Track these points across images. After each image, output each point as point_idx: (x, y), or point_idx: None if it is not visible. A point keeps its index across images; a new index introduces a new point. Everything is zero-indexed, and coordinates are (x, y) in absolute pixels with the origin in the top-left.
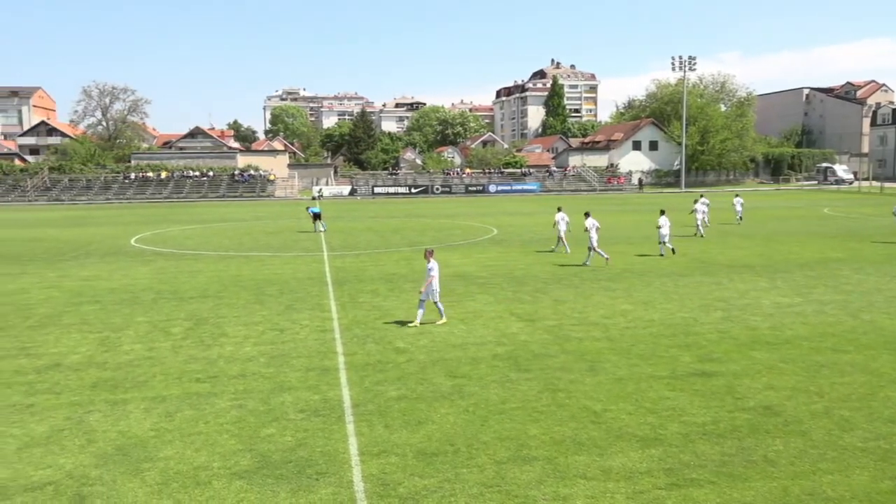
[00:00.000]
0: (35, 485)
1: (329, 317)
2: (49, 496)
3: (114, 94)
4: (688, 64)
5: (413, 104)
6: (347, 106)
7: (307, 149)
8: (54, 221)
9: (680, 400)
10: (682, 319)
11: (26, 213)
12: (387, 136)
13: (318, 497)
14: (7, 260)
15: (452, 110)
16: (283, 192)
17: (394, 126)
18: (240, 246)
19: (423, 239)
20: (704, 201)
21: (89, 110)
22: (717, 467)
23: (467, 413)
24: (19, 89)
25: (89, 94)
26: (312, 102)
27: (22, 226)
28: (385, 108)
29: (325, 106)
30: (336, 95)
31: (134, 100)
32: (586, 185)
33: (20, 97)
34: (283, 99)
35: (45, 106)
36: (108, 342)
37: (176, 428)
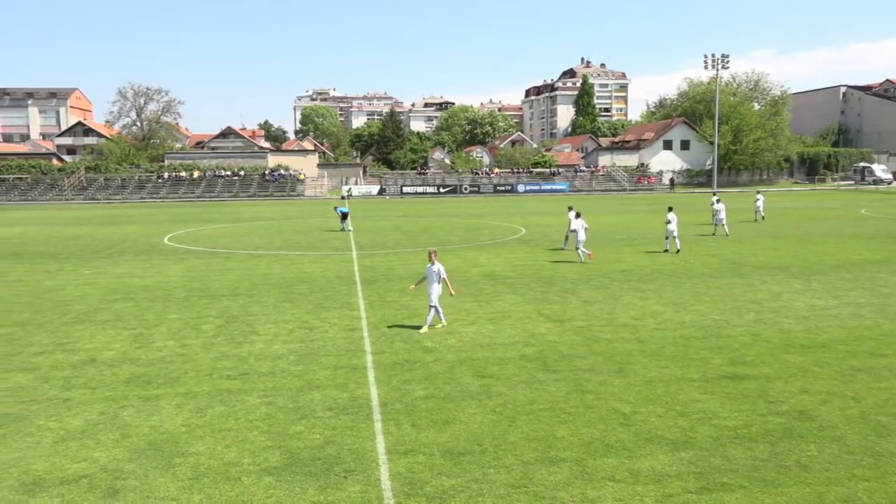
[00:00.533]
0: (70, 477)
1: (357, 315)
2: (84, 489)
3: (148, 95)
4: (720, 62)
5: (442, 104)
6: (376, 106)
7: (336, 148)
8: (90, 220)
9: (711, 403)
10: (714, 321)
11: (63, 211)
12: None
13: (345, 494)
14: (45, 257)
15: (481, 110)
16: (312, 191)
17: (422, 126)
18: (270, 245)
19: (452, 238)
20: (716, 199)
21: (124, 111)
22: (749, 472)
23: (495, 413)
24: (57, 91)
25: (124, 95)
26: (342, 102)
27: (59, 224)
28: (414, 108)
29: (354, 106)
30: (365, 95)
31: (168, 100)
32: (616, 184)
33: (58, 98)
34: (313, 99)
35: (81, 107)
36: (142, 339)
37: (207, 424)
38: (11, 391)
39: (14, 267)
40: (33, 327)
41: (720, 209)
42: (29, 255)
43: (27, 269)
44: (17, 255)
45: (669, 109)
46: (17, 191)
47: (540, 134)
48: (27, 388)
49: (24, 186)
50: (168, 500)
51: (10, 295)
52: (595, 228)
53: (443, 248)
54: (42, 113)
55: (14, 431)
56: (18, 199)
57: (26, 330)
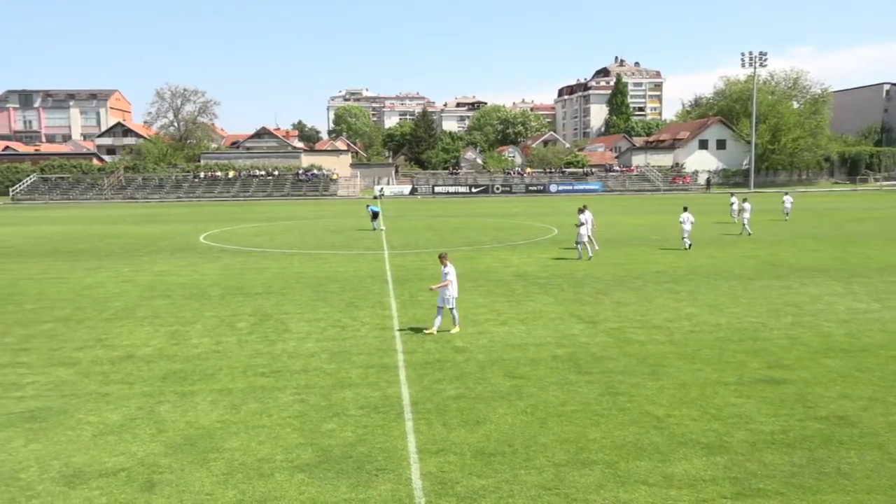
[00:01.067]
0: (109, 470)
1: (389, 315)
2: (122, 482)
3: (185, 96)
4: (758, 60)
5: (474, 104)
6: (409, 106)
7: (369, 148)
8: (128, 218)
9: (747, 407)
10: (750, 324)
11: (103, 210)
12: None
13: (377, 493)
14: (86, 255)
15: (513, 109)
16: (345, 191)
17: (455, 126)
18: (303, 244)
19: (484, 238)
20: (734, 200)
21: (162, 111)
22: (787, 478)
23: (526, 414)
24: (98, 92)
25: (162, 96)
26: (375, 103)
27: (99, 222)
28: (446, 108)
29: (386, 106)
30: (398, 95)
31: (204, 101)
32: (650, 184)
33: (98, 100)
34: (346, 99)
35: (121, 108)
36: (178, 335)
37: (241, 420)
38: (53, 385)
39: (56, 264)
40: (74, 323)
41: (746, 209)
42: (70, 253)
43: (68, 266)
44: (58, 252)
45: (705, 108)
46: (58, 190)
47: (573, 134)
48: (68, 383)
49: (65, 186)
50: (203, 495)
51: (53, 291)
52: (628, 229)
53: (475, 248)
54: (83, 114)
55: (55, 424)
56: (60, 197)
57: (67, 326)
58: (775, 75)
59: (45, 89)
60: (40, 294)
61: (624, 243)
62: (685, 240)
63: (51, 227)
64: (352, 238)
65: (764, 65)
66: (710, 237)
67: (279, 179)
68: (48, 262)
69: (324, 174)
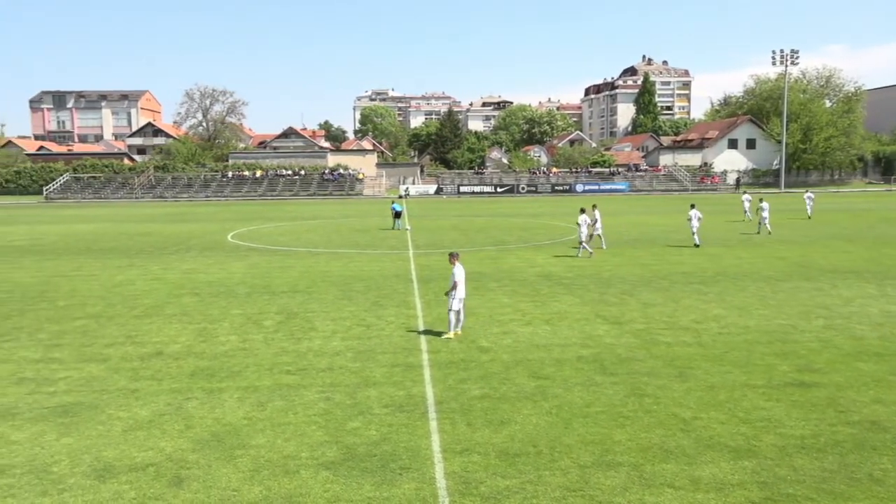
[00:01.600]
0: (138, 465)
1: (414, 314)
2: (151, 476)
3: (214, 97)
4: (790, 58)
5: (500, 103)
6: (435, 105)
7: (395, 148)
8: (158, 217)
9: (776, 411)
10: (780, 326)
11: (133, 209)
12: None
13: (401, 491)
14: (117, 253)
15: (539, 109)
16: (371, 190)
17: (480, 125)
18: (329, 243)
19: (509, 238)
20: (747, 198)
21: (191, 112)
22: (817, 483)
23: (550, 415)
24: (129, 93)
25: (191, 96)
26: (400, 102)
27: (129, 221)
28: (472, 108)
29: (412, 106)
30: (423, 95)
31: (232, 101)
32: (678, 184)
33: (129, 100)
34: (372, 99)
35: (151, 108)
36: (206, 333)
37: (267, 417)
38: (85, 381)
39: (88, 262)
40: (105, 320)
41: (765, 208)
42: (101, 251)
43: (100, 264)
44: (90, 250)
45: (735, 107)
46: (90, 189)
47: (599, 133)
48: (99, 378)
49: (97, 185)
50: (229, 491)
51: (84, 289)
52: (655, 229)
53: (500, 247)
54: (115, 114)
55: (87, 419)
56: (92, 196)
57: (99, 322)
58: (807, 73)
59: (77, 90)
60: (72, 291)
61: (651, 243)
62: (695, 236)
63: (83, 225)
64: (377, 237)
65: (796, 63)
66: (728, 237)
67: (305, 179)
68: (80, 259)
69: (350, 174)
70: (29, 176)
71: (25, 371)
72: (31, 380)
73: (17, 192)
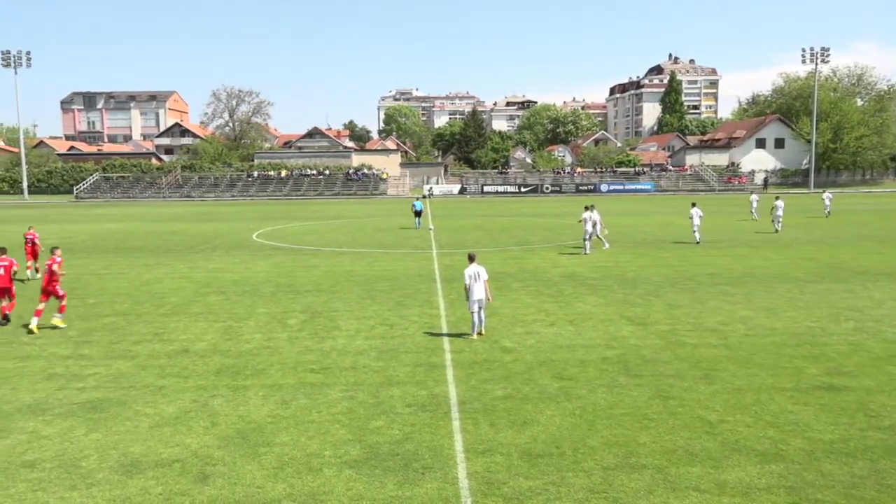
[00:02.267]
0: (164, 461)
1: (437, 314)
2: (177, 472)
3: (240, 97)
4: (819, 56)
5: (524, 103)
6: (458, 105)
7: (419, 148)
8: (185, 216)
9: (804, 414)
10: (809, 329)
11: (161, 208)
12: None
13: (423, 491)
14: (145, 252)
15: (564, 108)
16: (394, 190)
17: (504, 125)
18: (353, 242)
19: (533, 238)
20: (755, 197)
21: (218, 112)
22: (846, 489)
23: (574, 416)
24: (157, 93)
25: (218, 97)
26: (424, 102)
27: (157, 220)
28: (496, 107)
29: (436, 105)
30: (447, 95)
31: (258, 102)
32: (704, 184)
33: (158, 101)
34: (396, 99)
35: (179, 109)
36: (231, 331)
37: (291, 416)
38: (113, 377)
39: (116, 261)
40: (133, 317)
41: (779, 206)
42: (129, 250)
43: (128, 262)
44: (119, 249)
45: (763, 106)
46: (119, 188)
47: (624, 133)
48: (127, 375)
49: (126, 184)
50: (254, 488)
51: (113, 287)
52: (680, 230)
53: (524, 247)
54: (143, 115)
55: (115, 415)
56: (121, 196)
57: (127, 320)
58: (838, 71)
59: (107, 91)
60: (101, 289)
61: (676, 244)
62: (695, 234)
63: (112, 224)
64: (401, 237)
65: (826, 61)
66: (751, 238)
67: (330, 179)
68: (109, 258)
69: (374, 173)
70: (60, 175)
71: (56, 367)
72: (61, 376)
73: (49, 192)
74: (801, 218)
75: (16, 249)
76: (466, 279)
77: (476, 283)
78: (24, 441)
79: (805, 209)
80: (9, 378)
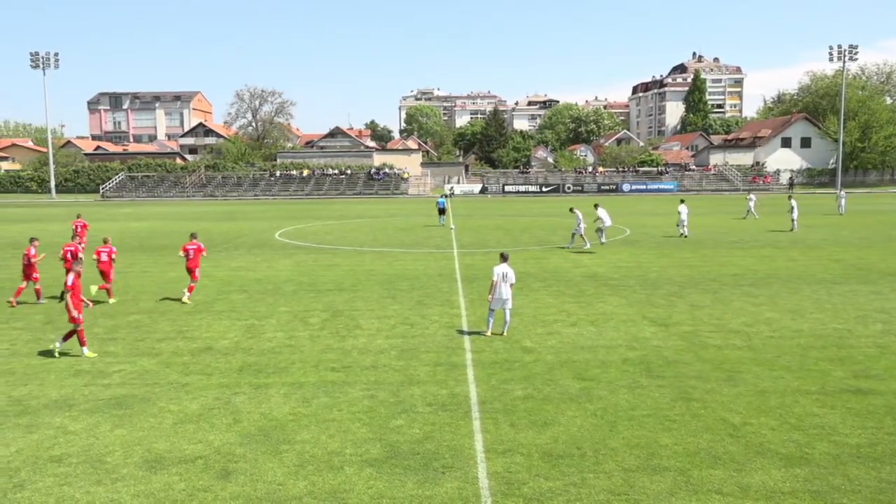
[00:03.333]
0: (188, 457)
1: (458, 313)
2: (200, 469)
3: (263, 97)
4: (847, 53)
5: (546, 102)
6: (480, 105)
7: (440, 147)
8: (208, 215)
9: (830, 418)
10: (835, 331)
11: (185, 207)
12: (518, 134)
13: (443, 490)
14: (168, 250)
15: (586, 108)
16: (416, 189)
17: (526, 124)
18: (374, 241)
19: (554, 238)
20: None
21: (241, 112)
22: (874, 494)
23: (595, 417)
24: (181, 94)
25: (241, 97)
26: (446, 102)
27: (181, 219)
28: (517, 107)
29: (457, 105)
30: (469, 94)
31: (281, 102)
32: (728, 184)
33: (182, 101)
34: (417, 99)
35: (202, 109)
36: (254, 329)
37: (312, 414)
38: (138, 374)
39: (141, 259)
40: (157, 315)
41: (794, 206)
42: (154, 248)
43: (152, 261)
44: (143, 248)
45: (789, 105)
46: (144, 188)
47: (647, 132)
48: (151, 372)
49: (150, 183)
50: (275, 485)
51: (138, 285)
52: (704, 230)
53: (544, 247)
54: (168, 115)
55: (139, 412)
56: (146, 195)
57: (151, 317)
58: (866, 69)
59: (133, 91)
60: (126, 287)
61: (699, 245)
62: (680, 228)
63: (136, 223)
64: (422, 236)
65: (854, 58)
66: (778, 239)
67: (351, 178)
68: (134, 256)
69: (395, 173)
70: (87, 175)
71: (82, 364)
72: (87, 372)
73: (76, 191)
74: (814, 219)
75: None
76: (494, 276)
77: (503, 284)
78: (51, 436)
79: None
80: (37, 374)
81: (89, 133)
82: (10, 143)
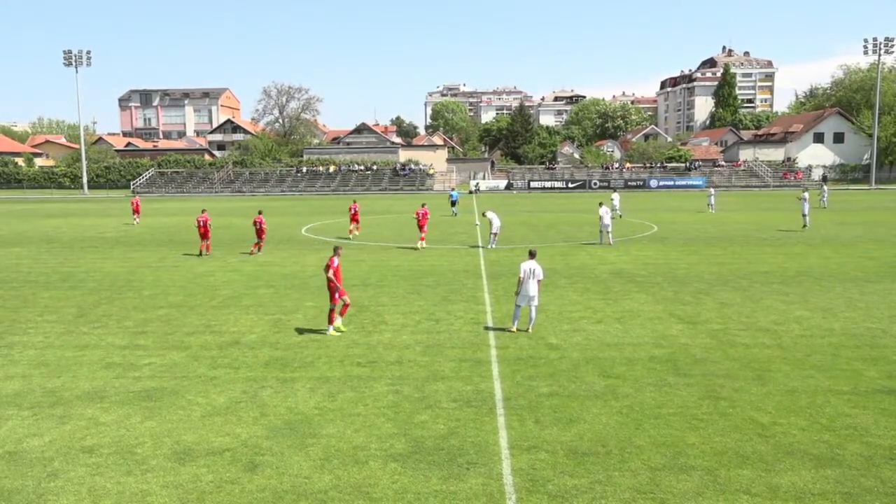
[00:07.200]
0: (216, 450)
1: (483, 310)
2: (227, 461)
3: (290, 94)
4: (883, 46)
5: (572, 97)
6: (506, 100)
7: (465, 143)
8: (236, 211)
9: (862, 418)
10: (868, 330)
11: (213, 202)
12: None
13: (467, 486)
14: (197, 246)
15: (613, 103)
16: (441, 185)
17: (552, 120)
18: (399, 237)
19: (580, 234)
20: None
21: (268, 108)
22: None
23: (621, 415)
24: (210, 91)
25: (269, 93)
26: (472, 97)
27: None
28: (543, 102)
29: (483, 101)
30: (495, 90)
31: (307, 98)
32: (758, 180)
33: (210, 98)
34: (443, 95)
35: (231, 105)
36: (280, 324)
37: (337, 408)
38: (167, 367)
39: (170, 253)
40: (186, 309)
41: (805, 198)
42: (183, 243)
43: (181, 256)
44: (173, 242)
45: (821, 99)
46: (174, 184)
47: (675, 127)
48: (180, 365)
49: (179, 179)
50: (301, 478)
51: (167, 279)
52: (734, 227)
53: (570, 244)
54: (196, 111)
55: (168, 405)
56: (175, 191)
57: (180, 311)
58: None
59: (162, 89)
60: (156, 281)
61: (729, 241)
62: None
63: (166, 218)
64: (447, 232)
65: (890, 51)
66: (810, 237)
67: (377, 174)
68: (164, 251)
69: (420, 169)
70: (118, 171)
71: (113, 356)
72: (118, 365)
73: (107, 187)
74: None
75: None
76: (522, 273)
77: (531, 280)
78: (83, 427)
79: (874, 207)
80: (69, 366)
81: (120, 130)
82: (45, 139)
